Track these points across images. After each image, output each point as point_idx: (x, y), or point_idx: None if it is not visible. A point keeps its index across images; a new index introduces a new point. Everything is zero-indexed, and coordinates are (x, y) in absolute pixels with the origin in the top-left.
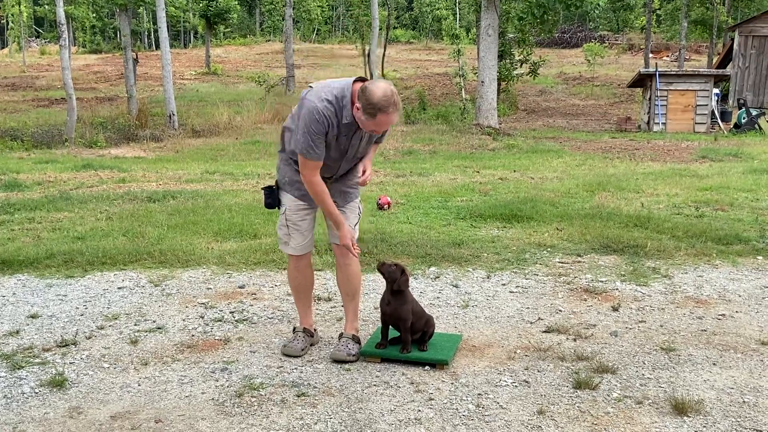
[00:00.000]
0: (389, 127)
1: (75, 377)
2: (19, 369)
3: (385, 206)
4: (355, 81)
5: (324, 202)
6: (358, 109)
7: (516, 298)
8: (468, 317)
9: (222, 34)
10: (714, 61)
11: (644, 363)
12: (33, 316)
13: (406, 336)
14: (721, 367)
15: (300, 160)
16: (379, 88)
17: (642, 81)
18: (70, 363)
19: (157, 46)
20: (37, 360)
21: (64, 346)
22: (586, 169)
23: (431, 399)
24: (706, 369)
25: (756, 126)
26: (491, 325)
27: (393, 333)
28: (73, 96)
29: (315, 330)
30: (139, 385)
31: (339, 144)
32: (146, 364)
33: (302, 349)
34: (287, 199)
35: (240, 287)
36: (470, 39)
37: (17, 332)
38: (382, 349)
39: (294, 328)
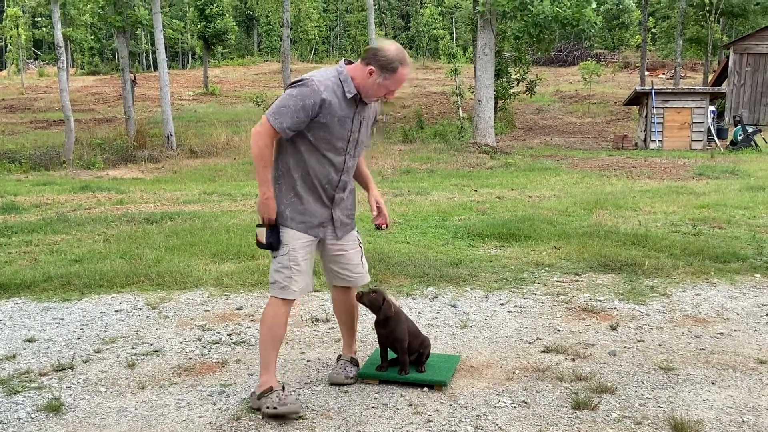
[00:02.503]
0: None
1: (71, 402)
2: (15, 394)
3: (383, 226)
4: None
5: (263, 159)
6: (372, 72)
7: (514, 317)
8: (466, 337)
9: (220, 54)
10: (709, 78)
11: (643, 383)
12: (30, 340)
13: (403, 357)
14: (720, 386)
15: (263, 122)
16: (389, 43)
17: (638, 99)
18: (67, 387)
19: (156, 67)
20: (33, 384)
21: (60, 370)
22: (584, 187)
23: (430, 421)
24: (705, 388)
25: (752, 143)
26: (490, 345)
27: (391, 354)
28: (71, 118)
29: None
30: (136, 409)
31: (342, 127)
32: (143, 388)
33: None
34: (290, 237)
35: (238, 309)
36: (467, 58)
37: (14, 356)
38: (381, 371)
39: (270, 388)
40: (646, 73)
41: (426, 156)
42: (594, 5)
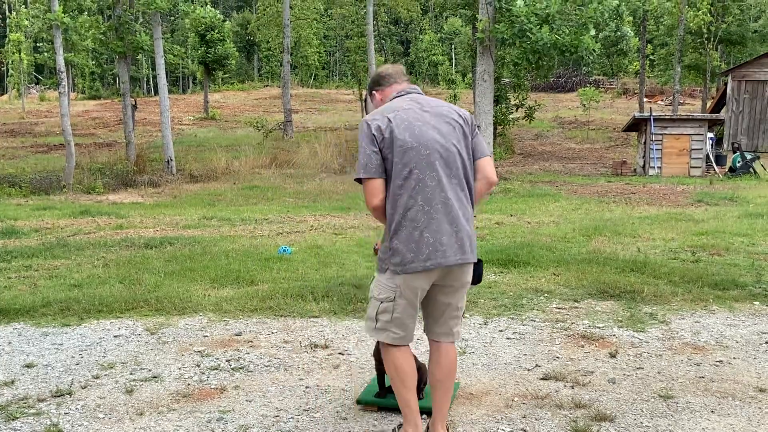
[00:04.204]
0: None
1: (70, 428)
2: (13, 420)
3: None
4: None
5: None
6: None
7: (513, 344)
8: (465, 364)
9: (220, 79)
10: (708, 105)
11: (642, 411)
12: (28, 366)
13: None
14: (719, 414)
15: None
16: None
17: (637, 125)
18: (65, 413)
19: (156, 92)
20: (31, 410)
21: (59, 396)
22: (583, 213)
23: None
24: (704, 417)
25: (751, 170)
26: (488, 372)
27: (388, 381)
28: (72, 142)
29: None
30: None
31: None
32: (141, 414)
33: None
34: None
35: (236, 335)
36: (466, 84)
37: (12, 382)
38: (380, 398)
39: None
40: (645, 99)
41: None
42: (592, 32)
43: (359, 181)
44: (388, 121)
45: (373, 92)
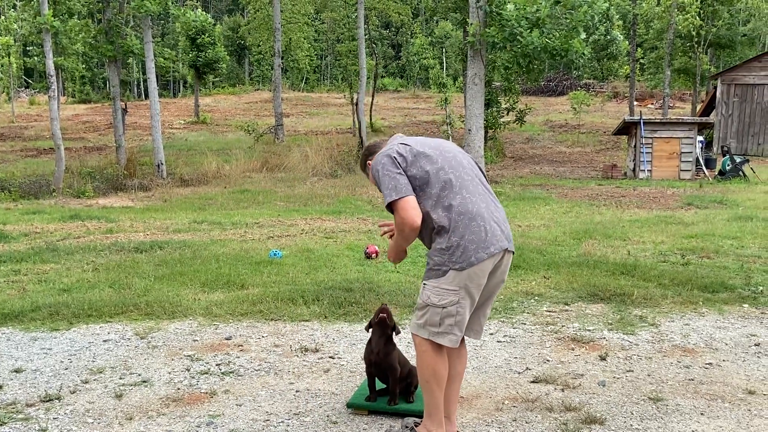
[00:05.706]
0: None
1: None
2: (1, 425)
3: (373, 255)
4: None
5: None
6: None
7: (504, 347)
8: None
9: (211, 83)
10: (698, 108)
11: (632, 413)
12: (17, 371)
13: (393, 387)
14: (708, 416)
15: None
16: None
17: (627, 129)
18: (54, 418)
19: (147, 96)
20: (20, 416)
21: (47, 401)
22: (573, 216)
23: None
24: (694, 419)
25: (740, 173)
26: (479, 375)
27: (379, 384)
28: (62, 146)
29: None
30: None
31: None
32: (131, 419)
33: None
34: None
35: (227, 339)
36: (457, 87)
37: (0, 387)
38: (370, 401)
39: None
40: (635, 103)
41: None
42: (582, 36)
43: (390, 208)
44: (404, 145)
45: (368, 162)
